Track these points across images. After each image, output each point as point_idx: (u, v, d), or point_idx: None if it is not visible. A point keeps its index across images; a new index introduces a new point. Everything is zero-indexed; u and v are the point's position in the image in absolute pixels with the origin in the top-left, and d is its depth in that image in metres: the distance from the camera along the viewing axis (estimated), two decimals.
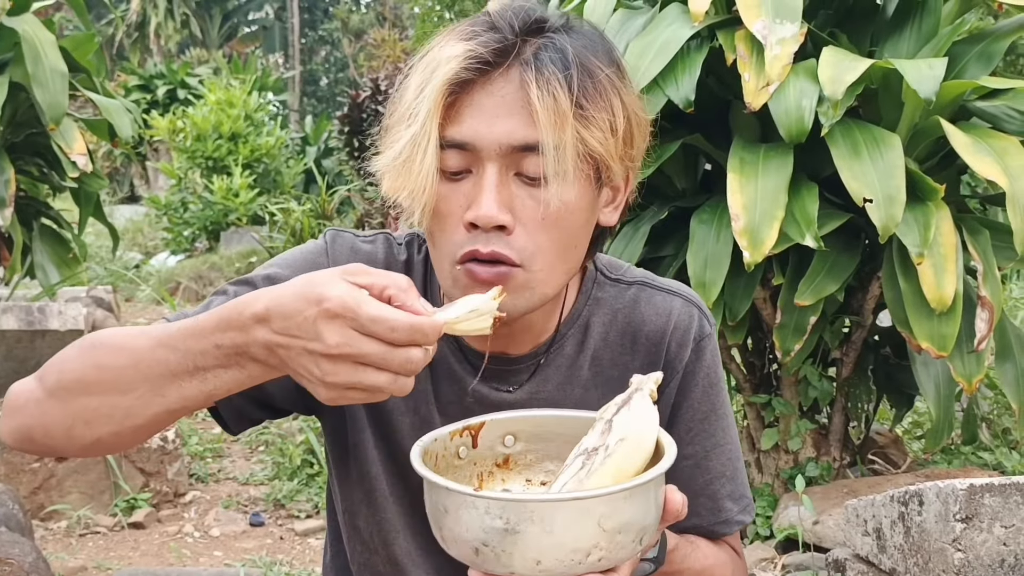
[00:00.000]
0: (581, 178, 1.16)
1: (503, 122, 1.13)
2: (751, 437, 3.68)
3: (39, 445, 1.17)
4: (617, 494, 0.98)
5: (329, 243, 1.36)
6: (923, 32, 3.32)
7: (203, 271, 10.39)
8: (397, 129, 1.16)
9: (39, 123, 4.89)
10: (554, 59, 1.13)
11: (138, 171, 18.26)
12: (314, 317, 0.97)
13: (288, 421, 5.28)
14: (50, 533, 4.13)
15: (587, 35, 1.20)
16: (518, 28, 1.16)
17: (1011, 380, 3.35)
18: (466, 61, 1.12)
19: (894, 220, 2.78)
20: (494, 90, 1.13)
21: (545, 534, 0.96)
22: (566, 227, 1.18)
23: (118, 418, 1.10)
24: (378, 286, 1.00)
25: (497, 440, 1.20)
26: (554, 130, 1.11)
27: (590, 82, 1.13)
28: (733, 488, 1.38)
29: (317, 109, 31.51)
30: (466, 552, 1.00)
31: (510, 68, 1.13)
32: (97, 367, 1.11)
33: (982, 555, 2.15)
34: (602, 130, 1.13)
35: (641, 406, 1.07)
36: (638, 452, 1.05)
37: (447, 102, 1.13)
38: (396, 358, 0.97)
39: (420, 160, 1.12)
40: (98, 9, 25.49)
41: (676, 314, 1.35)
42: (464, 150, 1.14)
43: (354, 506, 1.40)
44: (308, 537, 4.24)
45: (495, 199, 1.13)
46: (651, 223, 3.34)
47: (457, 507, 0.99)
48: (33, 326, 4.96)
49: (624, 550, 1.00)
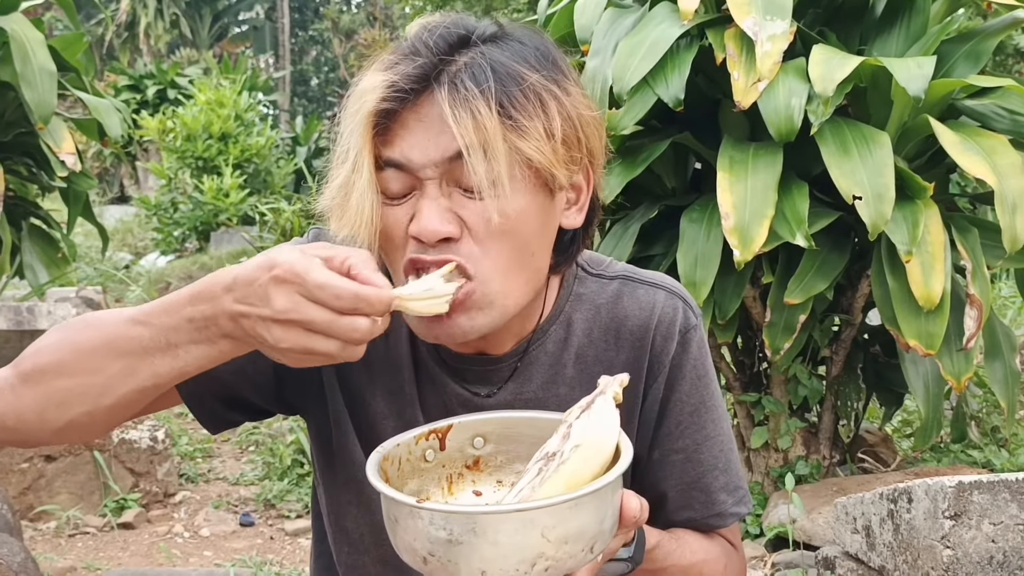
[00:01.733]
0: (525, 187, 1.14)
1: (434, 140, 1.12)
2: (741, 436, 3.68)
3: (9, 433, 1.17)
4: (561, 504, 0.97)
5: (311, 240, 1.35)
6: (912, 31, 3.33)
7: (193, 271, 10.37)
8: (337, 169, 1.17)
9: (28, 122, 4.86)
10: (477, 74, 1.11)
11: (128, 171, 18.23)
12: (266, 282, 1.00)
13: (278, 421, 5.27)
14: (39, 534, 4.12)
15: (519, 39, 1.17)
16: (437, 49, 1.14)
17: (1000, 378, 3.36)
18: (385, 91, 1.12)
19: (883, 217, 2.79)
20: (421, 114, 1.13)
21: (489, 545, 0.96)
22: (518, 236, 1.15)
23: (92, 397, 1.11)
24: (339, 258, 1.02)
25: (467, 442, 1.20)
26: (474, 139, 1.09)
27: (517, 90, 1.11)
28: (727, 480, 1.36)
29: (308, 109, 31.49)
30: (416, 560, 1.01)
31: (432, 90, 1.12)
32: (72, 347, 1.12)
33: (971, 552, 2.15)
34: (536, 137, 1.11)
35: (602, 410, 1.06)
36: (594, 458, 1.03)
37: (378, 131, 1.14)
38: (341, 326, 0.99)
39: (357, 190, 1.13)
40: (88, 9, 25.41)
41: (660, 307, 1.32)
42: (403, 171, 1.14)
43: (341, 507, 1.39)
44: (298, 537, 4.23)
45: (436, 212, 1.12)
46: (641, 222, 3.35)
47: (404, 517, 1.00)
48: (22, 326, 4.95)
49: (573, 559, 1.00)
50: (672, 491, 1.35)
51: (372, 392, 1.32)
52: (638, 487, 1.31)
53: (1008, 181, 2.82)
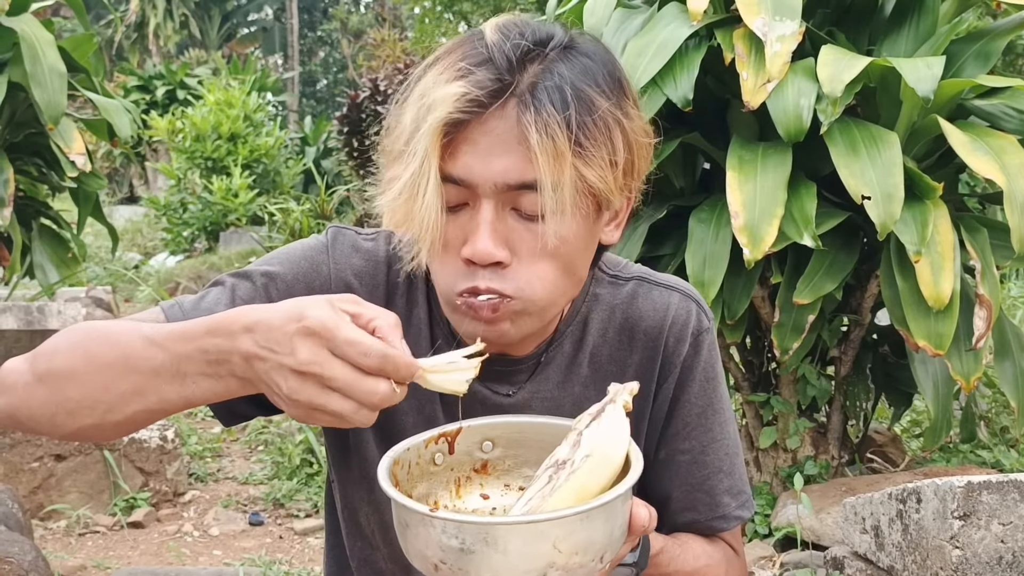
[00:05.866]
0: (580, 213, 1.15)
1: (499, 160, 1.11)
2: (750, 436, 3.68)
3: (24, 426, 1.18)
4: (572, 517, 0.97)
5: (330, 241, 1.35)
6: (921, 31, 3.32)
7: (202, 271, 10.39)
8: (396, 167, 1.16)
9: (38, 123, 4.89)
10: (552, 95, 1.10)
11: (137, 172, 18.29)
12: (292, 332, 0.97)
13: (287, 420, 5.28)
14: (49, 533, 4.13)
15: (588, 54, 1.17)
16: (515, 59, 1.13)
17: (1010, 378, 3.35)
18: (461, 102, 1.10)
19: (892, 218, 2.78)
20: (489, 128, 1.11)
21: (499, 555, 0.96)
22: (565, 257, 1.17)
23: (100, 412, 1.10)
24: (365, 317, 1.01)
25: (475, 446, 1.20)
26: (552, 171, 1.09)
27: (589, 119, 1.11)
28: (731, 483, 1.37)
29: (316, 110, 31.52)
30: (427, 567, 1.01)
31: (506, 104, 1.11)
32: (87, 358, 1.11)
33: (980, 552, 2.15)
34: (601, 167, 1.12)
35: (612, 420, 1.07)
36: (604, 468, 1.04)
37: (444, 140, 1.12)
38: (362, 386, 0.97)
39: (422, 199, 1.11)
40: (97, 10, 25.48)
41: (674, 309, 1.34)
42: (461, 186, 1.13)
43: (355, 503, 1.40)
44: (307, 536, 4.23)
45: (491, 236, 1.13)
46: (650, 222, 3.35)
47: (416, 524, 1.00)
48: (32, 326, 4.96)
49: (583, 569, 1.00)
50: (676, 491, 1.36)
51: None
52: (643, 487, 1.33)
53: (1017, 181, 2.81)
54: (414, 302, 1.34)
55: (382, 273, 1.34)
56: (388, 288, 1.34)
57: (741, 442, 3.65)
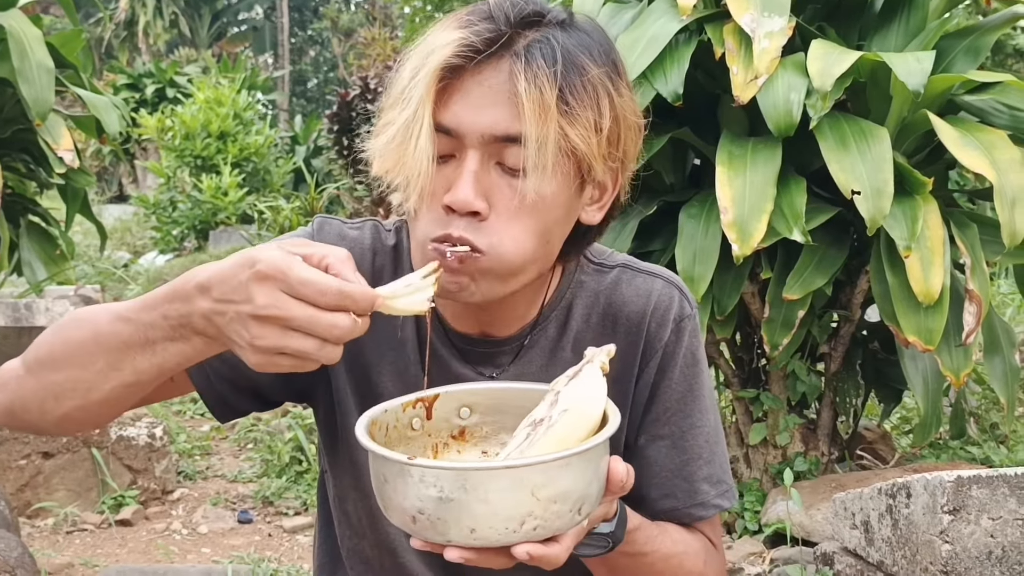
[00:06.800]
0: (561, 173, 1.17)
1: (488, 112, 1.15)
2: (739, 432, 3.68)
3: (19, 420, 1.22)
4: (552, 463, 0.98)
5: (316, 229, 1.38)
6: (911, 27, 3.33)
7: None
8: (391, 112, 1.18)
9: (26, 119, 4.85)
10: (545, 53, 1.14)
11: (126, 170, 18.23)
12: (247, 279, 0.98)
13: (277, 418, 5.27)
14: (37, 531, 4.11)
15: (586, 32, 1.21)
16: (514, 20, 1.17)
17: (999, 375, 3.36)
18: (458, 47, 1.14)
19: (882, 212, 2.78)
20: (483, 79, 1.15)
21: (479, 502, 0.97)
22: (541, 219, 1.19)
23: (81, 392, 1.13)
24: (316, 256, 1.02)
25: (452, 412, 1.21)
26: (537, 124, 1.12)
27: (578, 79, 1.15)
28: (711, 471, 1.38)
29: (306, 109, 31.47)
30: (404, 520, 1.02)
31: (500, 58, 1.15)
32: (64, 342, 1.15)
33: (969, 547, 2.15)
34: (586, 128, 1.15)
35: (589, 378, 1.08)
36: (582, 423, 1.05)
37: (438, 87, 1.15)
38: (322, 322, 0.98)
39: (414, 145, 1.14)
40: (87, 8, 25.40)
41: (656, 295, 1.36)
42: (449, 135, 1.16)
43: (344, 491, 1.42)
44: (296, 534, 4.22)
45: (472, 185, 1.15)
46: (639, 218, 3.34)
47: (394, 475, 1.00)
48: (20, 323, 4.94)
49: (561, 519, 1.01)
50: (656, 478, 1.37)
51: (379, 371, 1.35)
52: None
53: (1007, 176, 2.82)
54: None
55: (368, 260, 1.36)
56: (374, 274, 1.36)
57: (727, 434, 3.66)
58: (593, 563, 1.27)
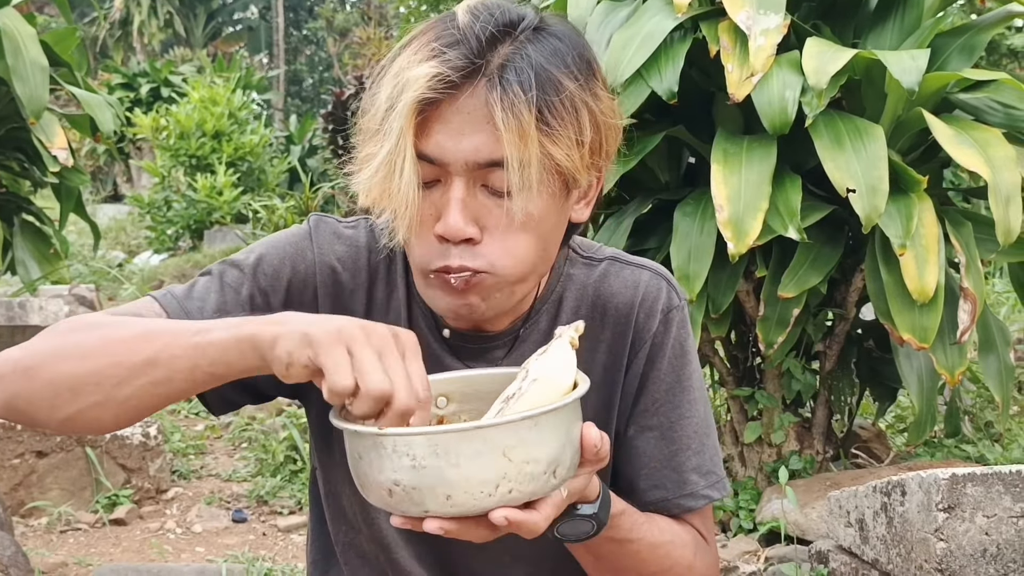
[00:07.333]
0: (547, 190, 1.19)
1: (469, 139, 1.15)
2: (734, 430, 3.68)
3: (20, 414, 1.18)
4: (520, 422, 0.99)
5: (313, 228, 1.39)
6: (906, 25, 3.33)
7: (186, 270, 10.35)
8: (371, 145, 1.19)
9: (19, 117, 4.85)
10: (521, 74, 1.14)
11: (121, 170, 18.19)
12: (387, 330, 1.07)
13: (271, 417, 5.26)
14: (30, 530, 4.10)
15: (558, 36, 1.20)
16: (485, 40, 1.16)
17: (994, 373, 3.36)
18: (433, 82, 1.14)
19: (877, 210, 2.78)
20: (460, 106, 1.15)
21: (451, 467, 0.98)
22: (534, 231, 1.21)
23: (107, 386, 1.12)
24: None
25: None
26: (518, 148, 1.13)
27: (556, 98, 1.15)
28: (700, 462, 1.38)
29: (302, 109, 31.42)
30: (382, 495, 1.02)
31: (476, 84, 1.15)
32: (102, 337, 1.15)
33: (964, 545, 2.14)
34: (568, 145, 1.16)
35: (558, 350, 1.10)
36: (551, 390, 1.07)
37: (417, 121, 1.16)
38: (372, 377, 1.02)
39: (399, 177, 1.15)
40: (81, 7, 25.37)
41: (644, 286, 1.37)
42: (433, 163, 1.17)
43: (338, 487, 1.42)
44: (291, 533, 4.21)
45: (461, 213, 1.17)
46: (634, 216, 3.34)
47: (368, 449, 1.01)
48: (14, 321, 4.94)
49: (535, 482, 1.02)
50: (645, 469, 1.37)
51: None
52: (613, 466, 1.36)
53: (1002, 174, 2.82)
54: (393, 285, 1.38)
55: (363, 259, 1.38)
56: (369, 273, 1.37)
57: (722, 433, 3.65)
58: (578, 550, 1.27)
